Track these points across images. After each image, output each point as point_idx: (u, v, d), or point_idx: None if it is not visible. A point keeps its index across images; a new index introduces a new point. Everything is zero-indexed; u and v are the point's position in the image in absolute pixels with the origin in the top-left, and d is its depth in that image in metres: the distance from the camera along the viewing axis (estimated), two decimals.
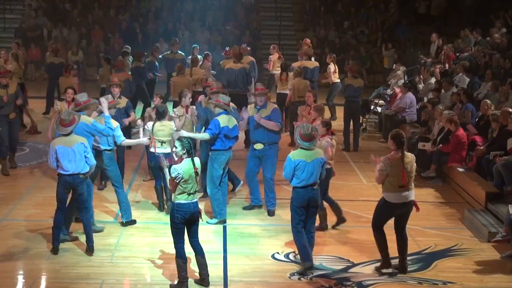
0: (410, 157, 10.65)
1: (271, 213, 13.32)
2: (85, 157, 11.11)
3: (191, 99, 14.60)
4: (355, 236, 11.76)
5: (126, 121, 14.50)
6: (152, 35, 31.52)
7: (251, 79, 19.43)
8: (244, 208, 13.60)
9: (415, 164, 10.76)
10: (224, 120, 12.58)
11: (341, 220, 12.76)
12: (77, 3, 33.42)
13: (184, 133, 12.22)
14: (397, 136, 10.56)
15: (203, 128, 13.74)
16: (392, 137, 10.62)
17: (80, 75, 25.18)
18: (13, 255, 11.18)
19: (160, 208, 13.30)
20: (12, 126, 15.56)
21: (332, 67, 21.93)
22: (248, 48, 22.26)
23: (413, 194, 10.72)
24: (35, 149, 17.70)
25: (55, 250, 11.25)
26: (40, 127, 19.64)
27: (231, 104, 13.25)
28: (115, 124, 12.32)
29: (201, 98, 14.54)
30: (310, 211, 10.79)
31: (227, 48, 22.37)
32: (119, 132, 12.48)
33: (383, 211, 10.77)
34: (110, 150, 12.48)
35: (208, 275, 10.16)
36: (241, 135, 15.82)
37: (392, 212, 10.70)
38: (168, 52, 23.61)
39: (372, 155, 11.22)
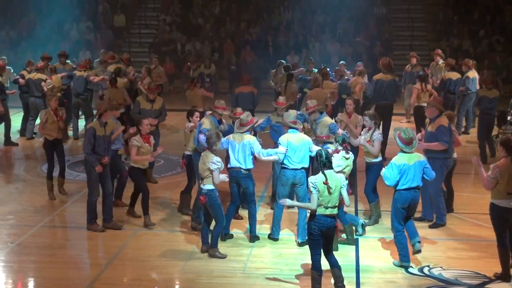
0: None
1: (437, 226, 13.12)
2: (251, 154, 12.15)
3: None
4: (491, 251, 11.39)
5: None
6: (283, 48, 31.71)
7: (400, 90, 19.45)
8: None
9: None
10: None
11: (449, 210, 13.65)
12: (210, 18, 34.02)
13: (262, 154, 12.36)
14: (507, 142, 10.53)
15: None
16: (501, 143, 10.62)
17: (213, 89, 25.64)
18: (148, 264, 11.43)
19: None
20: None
21: (475, 74, 21.47)
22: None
23: None
24: (169, 161, 18.05)
25: (223, 237, 12.14)
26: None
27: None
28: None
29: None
30: (410, 212, 11.15)
31: (359, 63, 22.56)
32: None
33: (495, 219, 10.68)
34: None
35: (344, 287, 10.09)
36: None
37: (503, 217, 10.56)
38: (304, 69, 23.47)
39: (474, 157, 11.04)
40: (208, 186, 11.37)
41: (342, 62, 23.79)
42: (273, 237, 12.44)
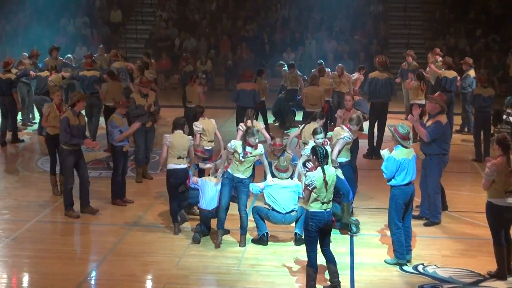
0: None
1: (432, 224, 13.10)
2: None
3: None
4: (486, 249, 11.42)
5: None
6: (280, 45, 31.70)
7: (395, 89, 19.48)
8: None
9: None
10: None
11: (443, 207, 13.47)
12: (206, 14, 33.99)
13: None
14: (503, 141, 10.50)
15: None
16: (497, 142, 10.58)
17: (208, 85, 25.61)
18: (143, 260, 11.42)
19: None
20: (148, 135, 15.89)
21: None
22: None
23: None
24: None
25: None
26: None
27: None
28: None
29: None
30: (409, 206, 11.15)
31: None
32: None
33: (492, 218, 10.68)
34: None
35: (339, 283, 10.12)
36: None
37: (501, 216, 10.56)
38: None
39: (488, 158, 11.07)
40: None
41: (320, 61, 23.48)
42: (265, 232, 12.13)
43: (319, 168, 9.86)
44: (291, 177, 12.27)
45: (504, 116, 20.56)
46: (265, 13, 34.05)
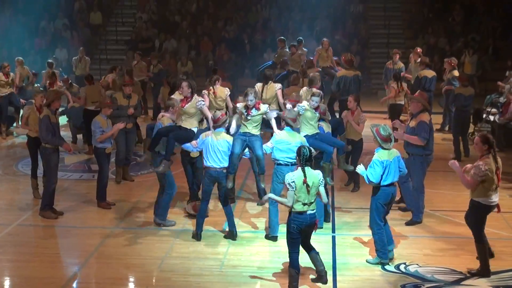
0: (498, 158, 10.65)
1: (413, 223, 13.12)
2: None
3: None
4: (468, 248, 11.47)
5: None
6: (260, 45, 31.70)
7: (361, 85, 19.69)
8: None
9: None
10: None
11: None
12: (187, 15, 33.94)
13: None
14: (487, 139, 10.56)
15: None
16: (484, 141, 10.58)
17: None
18: (125, 263, 11.39)
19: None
20: (128, 137, 15.81)
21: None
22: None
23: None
24: None
25: (197, 236, 12.22)
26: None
27: None
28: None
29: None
30: (389, 206, 11.32)
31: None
32: None
33: (477, 217, 10.76)
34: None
35: (326, 273, 10.23)
36: None
37: (485, 215, 10.71)
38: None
39: (453, 161, 10.93)
40: None
41: (300, 38, 23.81)
42: (273, 235, 12.27)
43: (299, 169, 9.87)
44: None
45: (484, 115, 20.71)
46: (245, 14, 34.04)
